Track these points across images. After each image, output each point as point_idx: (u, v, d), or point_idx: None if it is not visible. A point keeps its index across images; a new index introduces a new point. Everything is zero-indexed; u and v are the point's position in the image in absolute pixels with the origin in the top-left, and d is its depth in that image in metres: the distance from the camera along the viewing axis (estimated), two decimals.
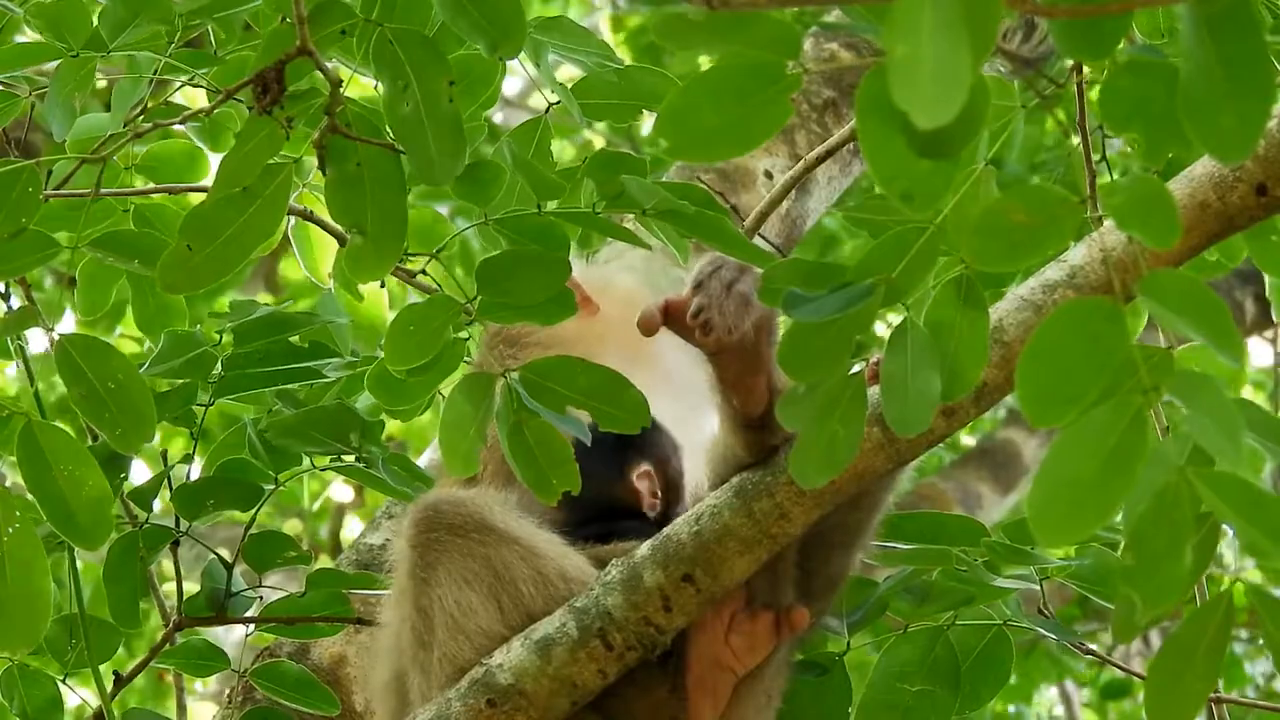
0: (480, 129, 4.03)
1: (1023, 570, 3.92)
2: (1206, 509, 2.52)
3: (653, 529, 3.57)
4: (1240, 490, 2.48)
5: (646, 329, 3.43)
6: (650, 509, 3.79)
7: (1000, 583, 3.88)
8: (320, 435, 4.08)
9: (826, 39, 5.52)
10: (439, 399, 4.22)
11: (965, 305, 2.96)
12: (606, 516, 3.77)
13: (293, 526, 9.23)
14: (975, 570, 3.87)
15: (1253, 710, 5.03)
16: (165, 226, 4.14)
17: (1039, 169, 7.01)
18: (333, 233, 4.24)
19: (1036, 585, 3.93)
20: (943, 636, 3.97)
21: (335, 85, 3.22)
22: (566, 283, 3.47)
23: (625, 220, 3.91)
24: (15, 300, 4.21)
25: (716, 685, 3.57)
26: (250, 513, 4.20)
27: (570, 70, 4.23)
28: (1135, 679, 6.32)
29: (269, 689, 4.21)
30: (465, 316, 3.45)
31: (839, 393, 2.97)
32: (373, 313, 4.65)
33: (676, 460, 3.83)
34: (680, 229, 3.53)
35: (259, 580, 4.27)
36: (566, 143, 9.19)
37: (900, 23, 2.19)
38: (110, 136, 3.51)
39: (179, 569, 4.39)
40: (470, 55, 3.82)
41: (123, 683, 4.31)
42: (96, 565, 5.19)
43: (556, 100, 4.05)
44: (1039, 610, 4.00)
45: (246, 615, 4.25)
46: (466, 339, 3.70)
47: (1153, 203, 2.61)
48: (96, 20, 3.71)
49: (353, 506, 9.60)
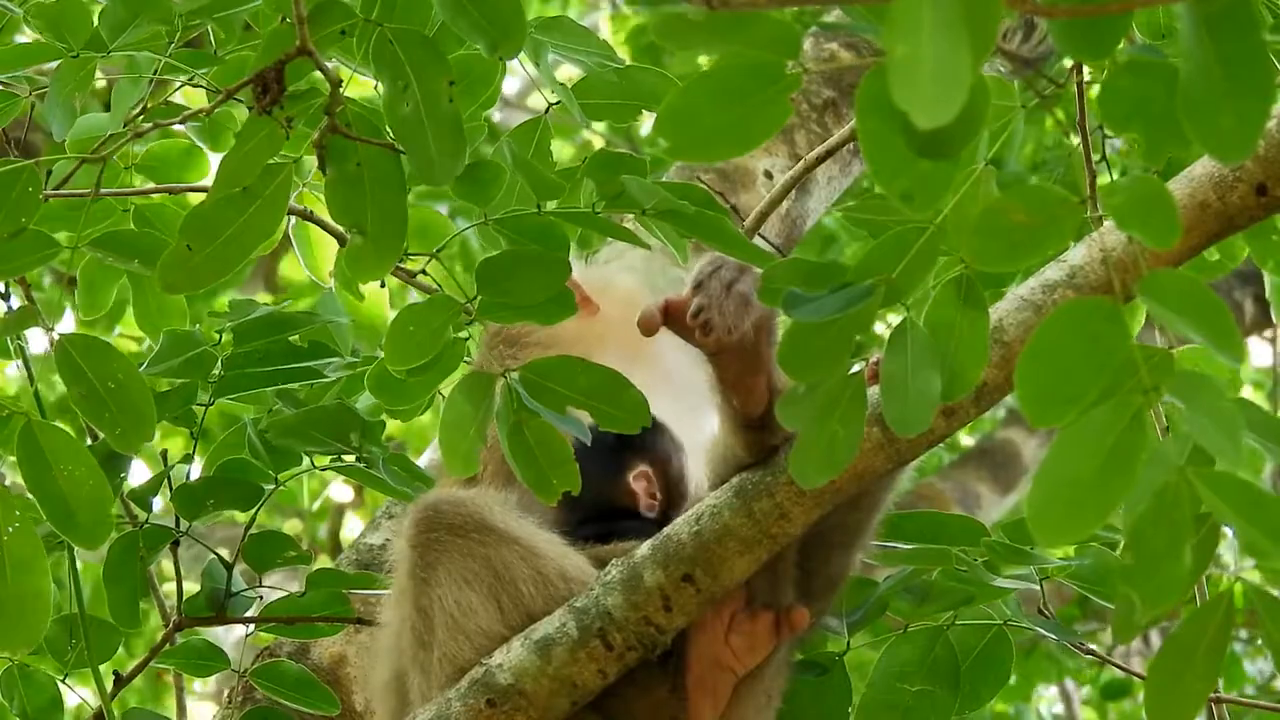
0: (480, 129, 4.03)
1: (1022, 570, 3.92)
2: (1206, 509, 2.52)
3: (653, 529, 3.57)
4: (1240, 490, 2.48)
5: (646, 329, 3.43)
6: (648, 510, 3.78)
7: (1000, 583, 3.88)
8: (320, 435, 4.07)
9: (826, 39, 5.52)
10: (439, 399, 4.22)
11: (965, 305, 2.95)
12: (606, 517, 3.77)
13: (292, 526, 9.23)
14: (975, 570, 3.87)
15: (1252, 710, 5.03)
16: (165, 226, 4.13)
17: (1039, 169, 7.01)
18: (333, 233, 4.24)
19: (1036, 585, 3.93)
20: (943, 636, 3.96)
21: (335, 85, 3.22)
22: (566, 283, 3.46)
23: (625, 220, 3.91)
24: (15, 300, 4.21)
25: (716, 685, 3.57)
26: (250, 513, 4.20)
27: (570, 70, 4.23)
28: (1135, 679, 6.31)
29: (269, 689, 4.21)
30: (465, 316, 3.45)
31: (839, 393, 2.97)
32: (373, 312, 4.64)
33: (678, 461, 3.82)
34: (680, 229, 3.53)
35: (259, 580, 4.27)
36: (565, 143, 9.18)
37: (900, 23, 2.19)
38: (110, 136, 3.51)
39: (179, 569, 4.39)
40: (470, 55, 3.82)
41: (123, 683, 4.31)
42: (96, 565, 5.18)
43: (556, 100, 4.05)
44: (1039, 610, 4.00)
45: (246, 615, 4.25)
46: (466, 339, 3.70)
47: (1153, 203, 2.61)
48: (96, 20, 3.71)
49: (352, 506, 9.60)
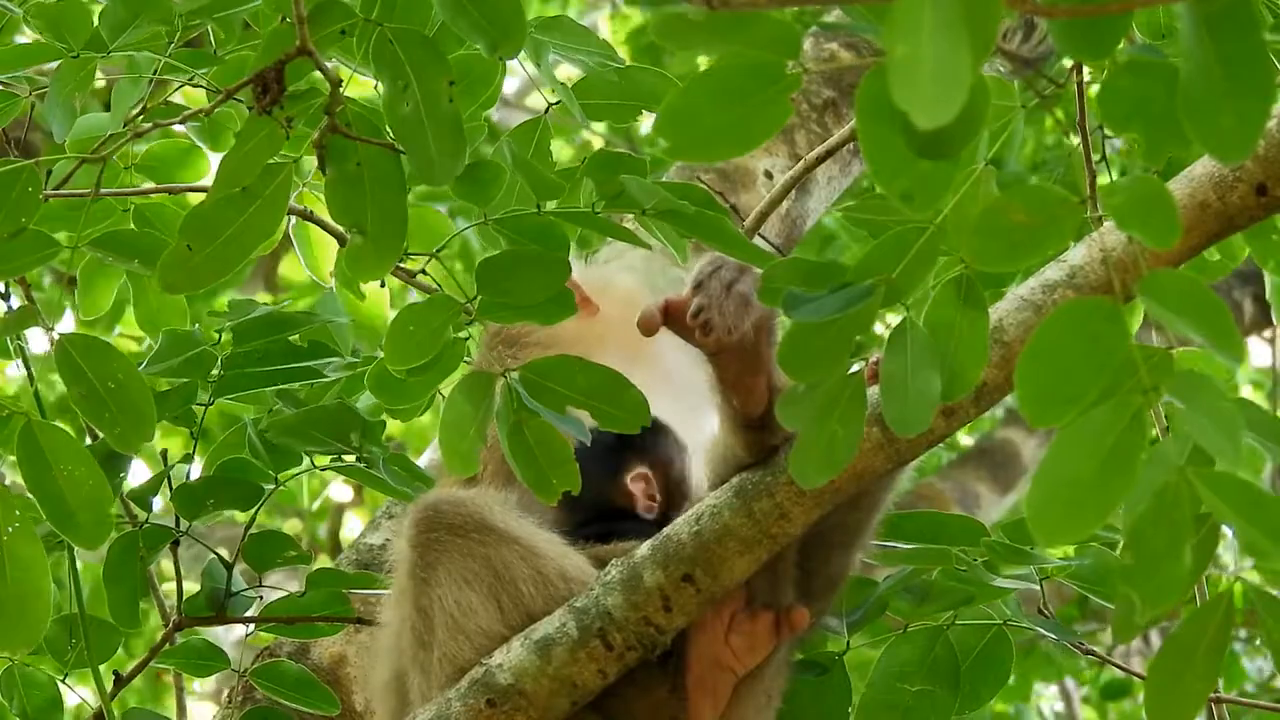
0: (480, 129, 4.03)
1: (1022, 570, 3.92)
2: (1206, 509, 2.52)
3: (653, 529, 3.57)
4: (1240, 490, 2.48)
5: (646, 329, 3.43)
6: (646, 511, 3.78)
7: (1000, 582, 3.88)
8: (321, 435, 4.07)
9: (826, 39, 5.52)
10: (439, 399, 4.22)
11: (965, 305, 2.95)
12: (606, 517, 3.76)
13: (292, 526, 9.23)
14: (975, 570, 3.87)
15: (1252, 709, 5.03)
16: (165, 226, 4.13)
17: (1039, 169, 7.01)
18: (333, 233, 4.24)
19: (1036, 585, 3.93)
20: (943, 636, 3.96)
21: (335, 85, 3.22)
22: (566, 283, 3.46)
23: (625, 220, 3.91)
24: (15, 300, 4.21)
25: (716, 685, 3.57)
26: (250, 513, 4.20)
27: (569, 70, 4.22)
28: (1135, 679, 6.31)
29: (269, 689, 4.21)
30: (465, 316, 3.45)
31: (838, 392, 2.97)
32: (373, 313, 4.64)
33: (680, 463, 3.81)
34: (680, 229, 3.53)
35: (259, 580, 4.27)
36: (564, 143, 9.17)
37: (900, 23, 2.19)
38: (110, 136, 3.51)
39: (179, 569, 4.39)
40: (470, 55, 3.82)
41: (123, 683, 4.31)
42: (96, 565, 5.18)
43: (556, 100, 4.04)
44: (1039, 610, 4.00)
45: (246, 615, 4.25)
46: (466, 339, 3.70)
47: (1153, 203, 2.61)
48: (96, 20, 3.71)
49: (352, 505, 9.60)
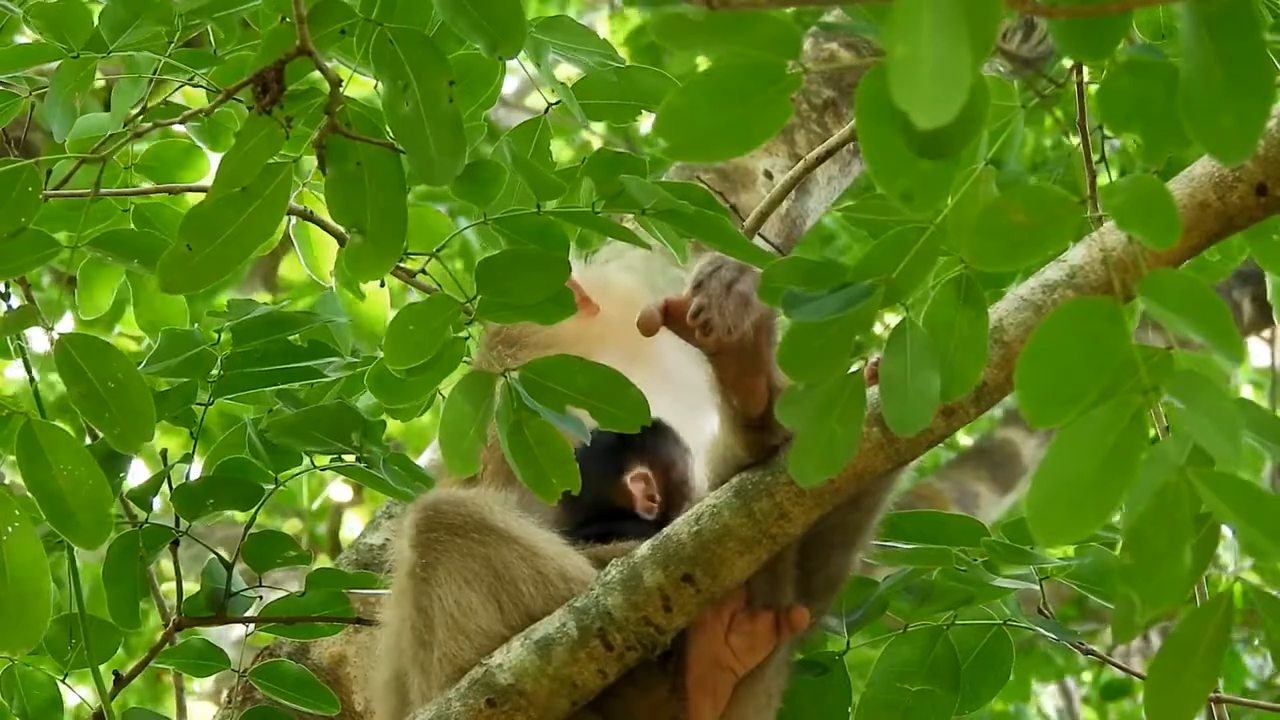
0: (480, 129, 4.03)
1: (1022, 570, 3.92)
2: (1206, 509, 2.52)
3: (653, 529, 3.57)
4: (1240, 490, 2.48)
5: (646, 329, 3.43)
6: (645, 511, 3.77)
7: (1000, 582, 3.88)
8: (321, 435, 4.07)
9: (826, 39, 5.52)
10: (439, 399, 4.21)
11: (965, 305, 2.95)
12: (606, 517, 3.76)
13: (292, 526, 9.23)
14: (975, 570, 3.87)
15: (1252, 708, 5.03)
16: (165, 226, 4.13)
17: (1039, 169, 7.00)
18: (333, 233, 4.23)
19: (1036, 585, 3.93)
20: (943, 636, 3.96)
21: (335, 85, 3.22)
22: (566, 282, 3.46)
23: (625, 220, 3.91)
24: (15, 300, 4.21)
25: (716, 685, 3.57)
26: (250, 513, 4.19)
27: (568, 70, 4.22)
28: (1135, 679, 6.31)
29: (269, 689, 4.20)
30: (465, 316, 3.44)
31: (837, 392, 2.97)
32: (373, 314, 4.64)
33: (681, 464, 3.81)
34: (679, 229, 3.53)
35: (259, 580, 4.26)
36: (564, 144, 9.17)
37: (900, 23, 2.19)
38: (110, 136, 3.50)
39: (179, 569, 4.39)
40: (470, 55, 3.81)
41: (122, 683, 4.31)
42: (96, 565, 5.18)
43: (556, 100, 4.04)
44: (1039, 610, 4.00)
45: (246, 615, 4.25)
46: (466, 338, 3.70)
47: (1153, 203, 2.61)
48: (96, 20, 3.71)
49: (351, 505, 9.59)
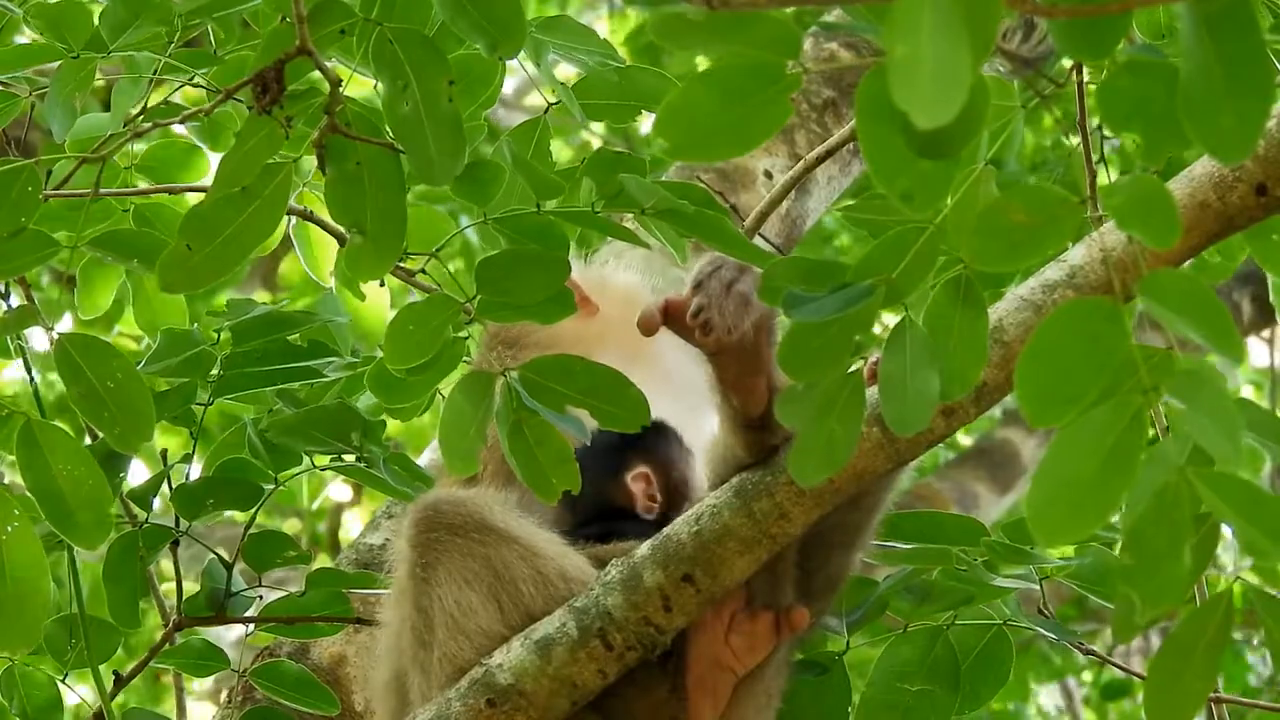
0: (480, 128, 4.03)
1: (1021, 570, 3.92)
2: (1206, 509, 2.52)
3: (653, 529, 3.57)
4: (1240, 490, 2.48)
5: (646, 329, 3.43)
6: (645, 511, 3.77)
7: (1000, 582, 3.88)
8: (321, 435, 4.07)
9: (826, 39, 5.52)
10: (439, 399, 4.21)
11: (964, 305, 2.95)
12: (606, 517, 3.76)
13: (292, 526, 9.22)
14: (975, 570, 3.87)
15: (1252, 707, 5.03)
16: (165, 226, 4.13)
17: (1038, 169, 7.01)
18: (333, 233, 4.23)
19: (1036, 585, 3.93)
20: (943, 636, 3.96)
21: (335, 85, 3.22)
22: (565, 282, 3.46)
23: (624, 220, 3.91)
24: (15, 299, 4.21)
25: (716, 685, 3.57)
26: (250, 512, 4.19)
27: (568, 70, 4.22)
28: (1135, 679, 6.31)
29: (269, 689, 4.20)
30: (465, 316, 3.44)
31: (837, 391, 2.97)
32: (372, 315, 4.63)
33: (683, 465, 3.81)
34: (679, 228, 3.53)
35: (259, 580, 4.26)
36: (562, 144, 9.16)
37: (900, 22, 2.19)
38: (110, 136, 3.50)
39: (178, 569, 4.39)
40: (470, 55, 3.82)
41: (122, 683, 4.31)
42: (96, 565, 5.19)
43: (556, 100, 4.04)
44: (1039, 610, 4.00)
45: (246, 615, 4.25)
46: (466, 338, 3.70)
47: (1153, 203, 2.61)
48: (96, 21, 3.71)
49: (351, 505, 9.59)
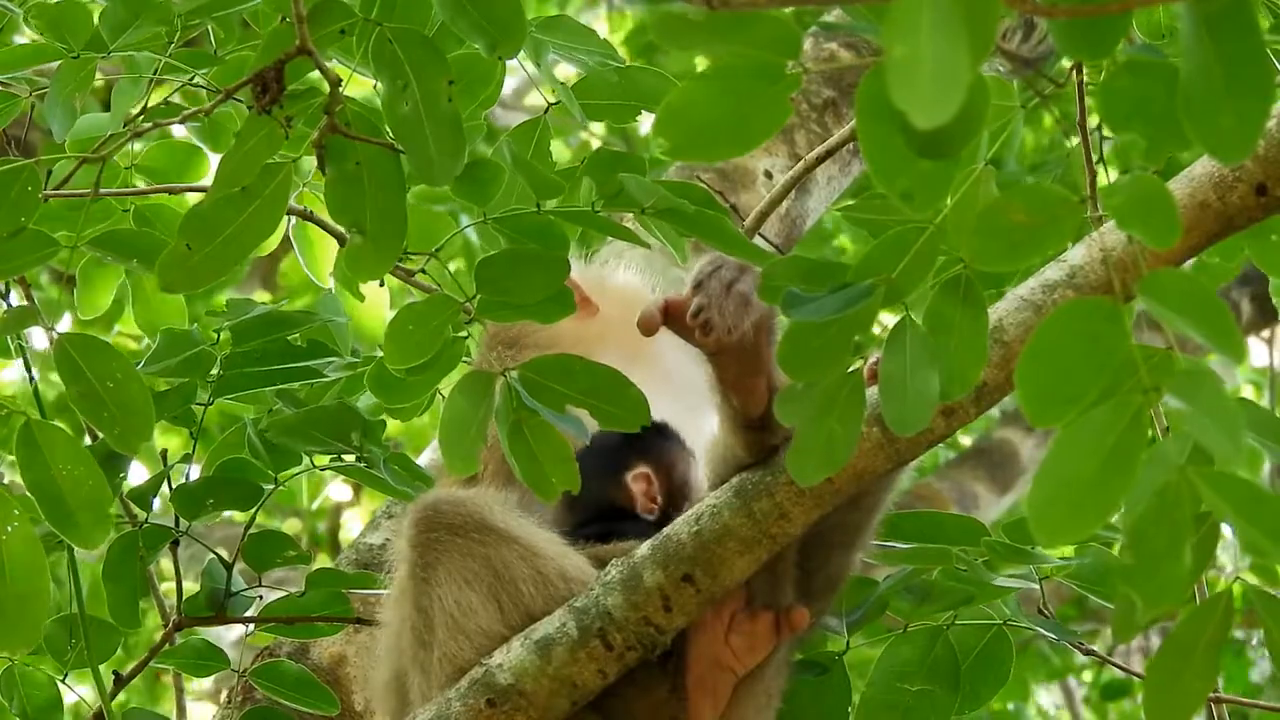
0: (480, 128, 4.03)
1: (1022, 570, 3.92)
2: (1206, 508, 2.52)
3: (653, 529, 3.57)
4: (1240, 489, 2.48)
5: (646, 329, 3.43)
6: (646, 512, 3.77)
7: (1000, 582, 3.88)
8: (321, 435, 4.06)
9: (826, 39, 5.52)
10: (439, 399, 4.21)
11: (964, 305, 2.95)
12: (606, 517, 3.76)
13: (291, 526, 9.22)
14: (975, 570, 3.87)
15: (1252, 707, 5.04)
16: (165, 226, 4.13)
17: (1037, 170, 7.00)
18: (333, 233, 4.23)
19: (1036, 585, 3.93)
20: (943, 636, 3.96)
21: (334, 85, 3.22)
22: (565, 282, 3.46)
23: (624, 220, 3.90)
24: (15, 299, 4.21)
25: (716, 685, 3.57)
26: (250, 512, 4.19)
27: (568, 70, 4.22)
28: (1135, 679, 6.31)
29: (269, 689, 4.20)
30: (464, 315, 3.44)
31: (836, 390, 2.97)
32: (372, 315, 4.63)
33: (683, 466, 3.80)
34: (679, 228, 3.53)
35: (259, 580, 4.26)
36: (561, 145, 9.15)
37: (899, 22, 2.19)
38: (110, 136, 3.50)
39: (178, 569, 4.38)
40: (470, 55, 3.81)
41: (122, 683, 4.31)
42: (96, 565, 5.18)
43: (556, 100, 4.04)
44: (1039, 610, 4.00)
45: (246, 615, 4.24)
46: (466, 338, 3.70)
47: (1153, 202, 2.61)
48: (96, 20, 3.71)
49: (350, 504, 9.59)
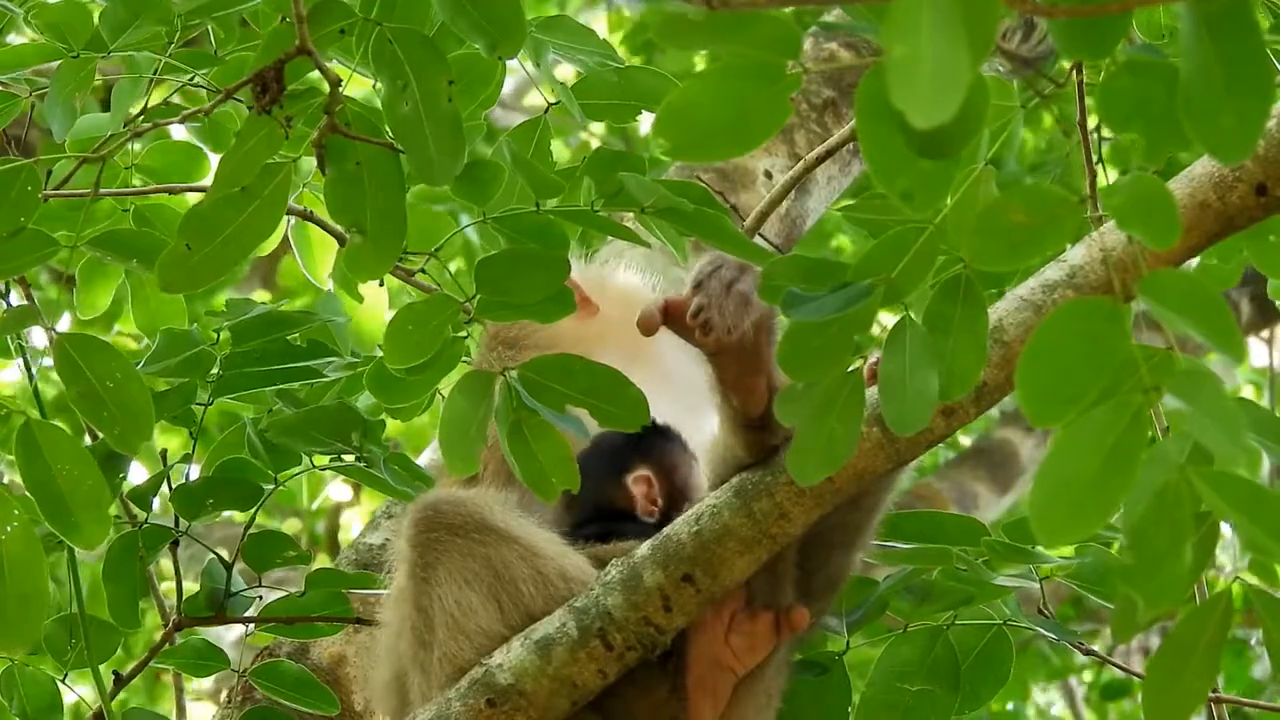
0: (480, 128, 4.03)
1: (1022, 570, 3.92)
2: (1206, 508, 2.52)
3: (653, 530, 3.57)
4: (1240, 488, 2.48)
5: (646, 329, 3.43)
6: (646, 514, 3.77)
7: (1000, 582, 3.88)
8: (321, 435, 4.06)
9: (826, 39, 5.52)
10: (439, 399, 4.21)
11: (964, 305, 2.95)
12: (606, 517, 3.76)
13: (291, 526, 9.22)
14: (975, 570, 3.87)
15: (1252, 707, 5.03)
16: (164, 226, 4.13)
17: (1037, 170, 7.00)
18: (333, 233, 4.23)
19: (1036, 585, 3.93)
20: (943, 636, 3.96)
21: (334, 84, 3.22)
22: (565, 282, 3.46)
23: (624, 219, 3.90)
24: (15, 299, 4.20)
25: (716, 685, 3.57)
26: (249, 512, 4.19)
27: (568, 70, 4.22)
28: (1135, 679, 6.31)
29: (268, 689, 4.20)
30: (464, 315, 3.44)
31: (836, 390, 2.97)
32: (372, 316, 4.63)
33: (685, 469, 3.80)
34: (679, 227, 3.53)
35: (259, 580, 4.26)
36: (561, 145, 9.15)
37: (899, 22, 2.19)
38: (110, 136, 3.50)
39: (178, 569, 4.38)
40: (470, 55, 3.81)
41: (122, 683, 4.31)
42: (96, 565, 5.19)
43: (556, 100, 4.04)
44: (1039, 610, 4.00)
45: (246, 615, 4.24)
46: (466, 338, 3.70)
47: (1153, 202, 2.61)
48: (97, 20, 3.71)
49: (350, 504, 9.59)
